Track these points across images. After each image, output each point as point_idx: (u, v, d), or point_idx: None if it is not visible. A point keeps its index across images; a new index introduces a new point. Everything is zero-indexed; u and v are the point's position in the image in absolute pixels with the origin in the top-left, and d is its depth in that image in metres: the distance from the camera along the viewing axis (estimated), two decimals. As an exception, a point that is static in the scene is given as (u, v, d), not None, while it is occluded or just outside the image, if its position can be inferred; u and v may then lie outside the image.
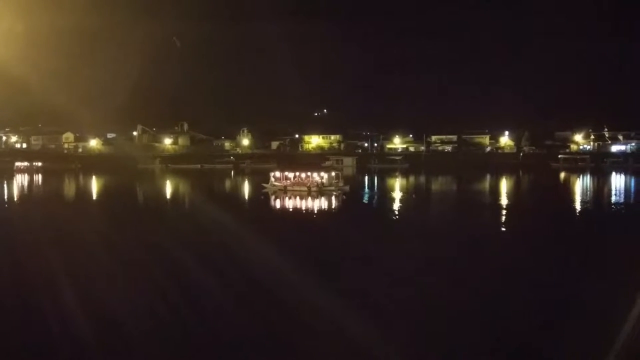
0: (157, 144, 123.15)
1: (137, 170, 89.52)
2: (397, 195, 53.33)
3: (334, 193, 47.30)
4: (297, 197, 45.62)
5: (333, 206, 42.18)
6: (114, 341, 11.87)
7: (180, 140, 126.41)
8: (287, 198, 45.86)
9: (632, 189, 61.94)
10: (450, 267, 19.06)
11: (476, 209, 39.41)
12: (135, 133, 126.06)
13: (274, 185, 50.47)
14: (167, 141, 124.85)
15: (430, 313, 13.92)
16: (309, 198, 45.22)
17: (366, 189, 61.89)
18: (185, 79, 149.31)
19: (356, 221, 34.32)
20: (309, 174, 49.74)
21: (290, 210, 40.81)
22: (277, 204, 44.41)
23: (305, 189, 47.95)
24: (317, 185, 48.15)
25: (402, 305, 14.54)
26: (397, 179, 74.69)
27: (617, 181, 73.07)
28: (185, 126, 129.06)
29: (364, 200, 48.43)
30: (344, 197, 46.99)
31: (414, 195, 54.25)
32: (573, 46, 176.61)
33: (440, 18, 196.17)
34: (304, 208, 41.09)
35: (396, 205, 43.88)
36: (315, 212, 39.36)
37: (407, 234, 27.89)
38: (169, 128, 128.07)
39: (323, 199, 44.75)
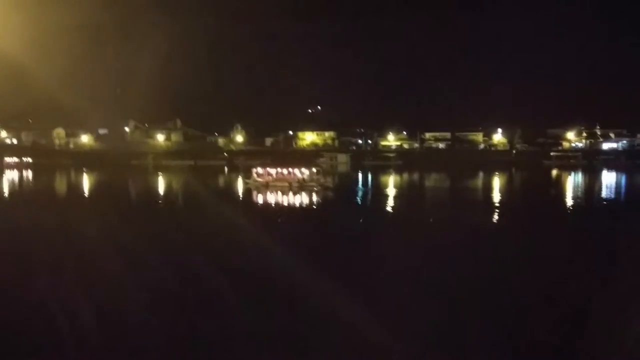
0: (149, 140, 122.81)
1: (130, 167, 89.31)
2: (381, 191, 53.09)
3: (315, 188, 47.27)
4: (277, 192, 45.61)
5: (307, 201, 41.86)
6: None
7: (173, 137, 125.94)
8: (267, 193, 45.81)
9: (622, 186, 61.61)
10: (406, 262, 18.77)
11: (462, 206, 38.27)
12: (127, 129, 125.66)
13: (256, 181, 50.50)
14: (160, 137, 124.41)
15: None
16: (289, 193, 45.10)
17: (350, 185, 61.59)
18: (178, 76, 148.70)
19: (321, 214, 34.70)
20: (290, 170, 49.78)
21: (263, 203, 41.11)
22: (254, 198, 44.26)
23: (287, 184, 47.98)
24: (299, 181, 48.18)
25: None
26: (390, 176, 74.42)
27: (608, 178, 72.81)
28: (179, 122, 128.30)
29: (341, 195, 48.03)
30: (326, 192, 46.85)
31: (398, 191, 53.95)
32: (566, 45, 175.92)
33: (435, 16, 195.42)
34: (276, 202, 41.24)
35: (375, 201, 43.62)
36: (285, 205, 39.52)
37: (371, 229, 27.41)
38: (161, 124, 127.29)
39: (303, 194, 44.65)
